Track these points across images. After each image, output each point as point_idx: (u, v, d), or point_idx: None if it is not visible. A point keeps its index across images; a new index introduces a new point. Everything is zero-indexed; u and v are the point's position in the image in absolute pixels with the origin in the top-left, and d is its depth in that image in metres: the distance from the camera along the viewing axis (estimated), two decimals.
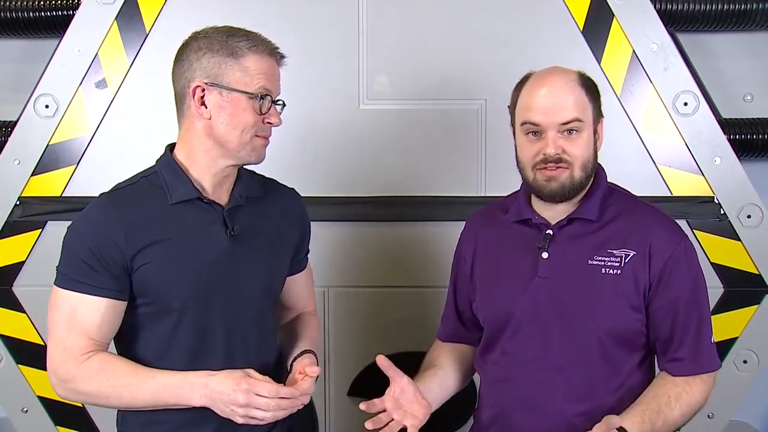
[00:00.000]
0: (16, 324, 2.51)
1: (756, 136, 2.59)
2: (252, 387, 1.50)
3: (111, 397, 1.54)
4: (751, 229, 2.45)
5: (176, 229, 1.58)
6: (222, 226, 1.61)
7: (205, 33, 1.60)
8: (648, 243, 1.63)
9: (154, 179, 1.61)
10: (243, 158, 1.61)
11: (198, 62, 1.57)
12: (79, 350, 1.53)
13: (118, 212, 1.55)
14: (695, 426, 2.50)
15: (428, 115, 2.47)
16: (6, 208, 2.47)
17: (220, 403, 1.51)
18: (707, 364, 1.67)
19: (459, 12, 2.44)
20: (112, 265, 1.53)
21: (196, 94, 1.57)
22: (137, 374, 1.54)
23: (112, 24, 2.44)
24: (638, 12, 2.41)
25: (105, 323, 1.55)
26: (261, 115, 1.58)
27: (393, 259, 2.51)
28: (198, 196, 1.59)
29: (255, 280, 1.65)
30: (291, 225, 1.77)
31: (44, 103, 2.45)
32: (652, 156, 2.45)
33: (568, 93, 1.61)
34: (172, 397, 1.53)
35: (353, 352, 2.53)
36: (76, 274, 1.54)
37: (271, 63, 1.59)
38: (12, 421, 2.59)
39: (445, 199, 2.46)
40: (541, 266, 1.67)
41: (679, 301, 1.64)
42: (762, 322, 2.48)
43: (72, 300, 1.54)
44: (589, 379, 1.64)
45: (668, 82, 2.43)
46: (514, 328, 1.69)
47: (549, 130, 1.60)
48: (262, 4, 2.45)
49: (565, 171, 1.61)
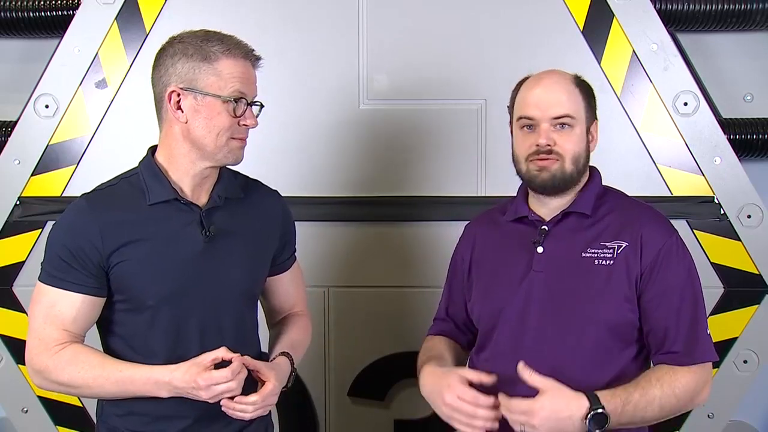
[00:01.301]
0: (16, 324, 2.51)
1: (756, 136, 2.58)
2: (208, 381, 1.54)
3: (82, 387, 1.61)
4: (751, 228, 2.45)
5: (153, 229, 1.62)
6: (198, 226, 1.65)
7: (181, 38, 1.63)
8: (640, 234, 1.66)
9: (135, 180, 1.67)
10: (221, 160, 1.65)
11: (173, 67, 1.61)
12: (53, 341, 1.60)
13: (96, 213, 1.61)
14: (695, 426, 2.52)
15: (428, 115, 2.47)
16: (6, 208, 2.47)
17: (185, 394, 1.57)
18: (700, 355, 1.66)
19: (459, 12, 2.44)
20: (88, 263, 1.59)
21: (172, 98, 1.61)
22: (105, 366, 1.60)
23: (112, 24, 2.44)
24: (638, 12, 2.42)
25: (80, 317, 1.61)
26: (236, 117, 1.61)
27: (393, 259, 2.51)
28: (176, 197, 1.63)
29: (230, 280, 1.69)
30: (270, 226, 1.79)
31: (44, 103, 2.45)
32: (652, 156, 2.45)
33: (561, 89, 1.69)
34: (138, 391, 1.59)
35: (353, 352, 2.53)
36: (56, 271, 1.60)
37: (245, 66, 1.62)
38: (12, 421, 2.59)
39: (445, 199, 2.46)
40: (536, 260, 1.69)
41: (672, 291, 1.64)
42: (762, 322, 2.48)
43: (52, 295, 1.60)
44: (583, 371, 1.64)
45: (668, 82, 2.43)
46: (508, 322, 1.71)
47: (542, 122, 1.67)
48: (262, 4, 2.45)
49: (556, 162, 1.67)
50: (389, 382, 2.54)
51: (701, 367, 1.66)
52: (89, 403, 2.56)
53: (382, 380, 2.55)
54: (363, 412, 2.58)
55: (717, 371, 2.50)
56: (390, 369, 2.50)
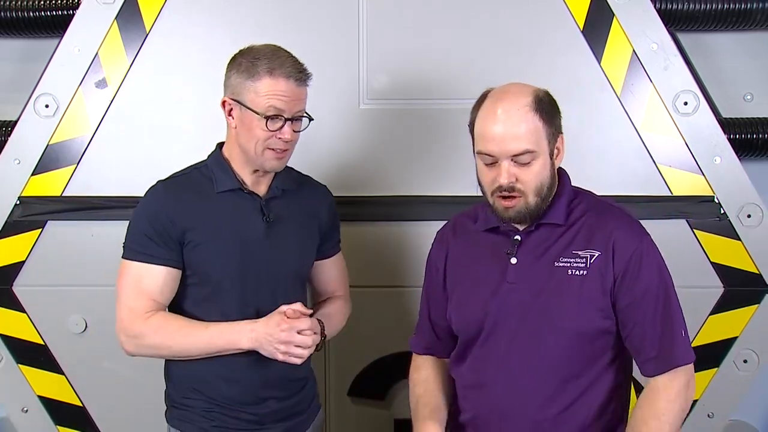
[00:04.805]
0: (16, 324, 2.51)
1: (756, 136, 2.58)
2: (292, 325, 1.76)
3: (173, 346, 1.82)
4: (751, 228, 2.45)
5: (221, 213, 1.84)
6: (260, 213, 1.87)
7: (242, 52, 1.83)
8: (611, 241, 1.66)
9: (204, 170, 1.89)
10: (261, 166, 1.85)
11: (229, 79, 1.83)
12: (143, 309, 1.81)
13: (171, 194, 1.84)
14: (695, 426, 2.52)
15: (428, 114, 2.47)
16: (6, 208, 2.47)
17: (265, 344, 1.77)
18: (677, 358, 1.67)
19: (459, 12, 2.43)
20: (168, 239, 1.81)
21: (225, 106, 1.83)
22: (192, 326, 1.83)
23: (112, 24, 2.44)
24: (638, 11, 2.41)
25: (166, 288, 1.83)
26: (270, 132, 1.78)
27: (393, 258, 2.51)
28: (239, 187, 1.86)
29: (285, 261, 1.90)
30: (319, 215, 2.01)
31: (44, 103, 2.45)
32: (652, 155, 2.45)
33: (520, 122, 1.63)
34: (224, 342, 1.80)
35: (353, 352, 2.53)
36: (142, 248, 1.81)
37: (286, 85, 1.79)
38: (12, 421, 2.59)
39: (445, 199, 2.45)
40: (510, 272, 1.70)
41: (646, 296, 1.66)
42: (762, 322, 2.48)
43: (139, 269, 1.82)
44: (558, 380, 1.66)
45: (668, 81, 2.43)
46: (485, 335, 1.73)
47: (502, 159, 1.64)
48: (262, 4, 2.45)
49: (519, 199, 1.66)
50: (389, 381, 2.54)
51: (681, 369, 1.67)
52: (89, 403, 2.57)
53: (382, 380, 2.55)
54: (363, 411, 2.58)
55: (717, 371, 2.50)
56: (390, 369, 2.50)
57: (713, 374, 2.50)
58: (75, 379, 2.55)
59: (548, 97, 1.69)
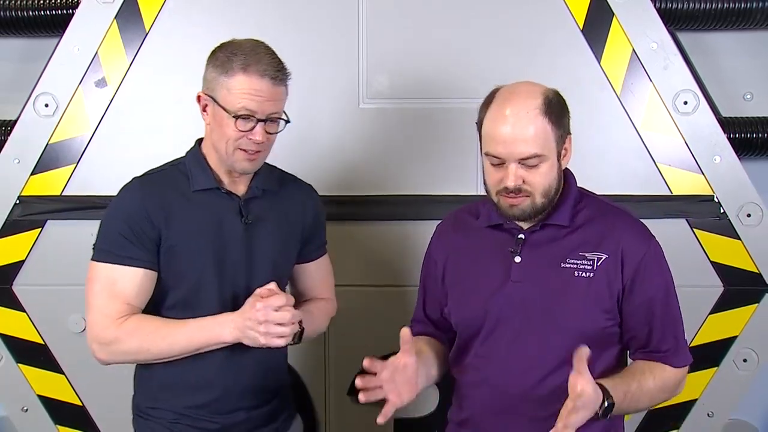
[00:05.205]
0: (16, 323, 2.51)
1: (756, 135, 2.59)
2: (267, 303, 1.66)
3: (151, 349, 1.72)
4: (751, 227, 2.45)
5: (198, 212, 1.75)
6: (238, 214, 1.78)
7: (222, 45, 1.73)
8: (620, 247, 1.66)
9: (181, 167, 1.80)
10: (231, 166, 1.76)
11: (206, 72, 1.74)
12: (117, 314, 1.70)
13: (147, 192, 1.74)
14: (695, 424, 2.52)
15: (428, 114, 2.47)
16: (6, 207, 2.47)
17: (246, 330, 1.68)
18: (682, 359, 1.72)
19: (459, 12, 2.44)
20: (145, 239, 1.71)
21: (200, 101, 1.75)
22: (169, 325, 1.73)
23: (112, 23, 2.44)
24: (638, 11, 2.41)
25: (142, 291, 1.73)
26: (241, 132, 1.69)
27: (393, 258, 2.51)
28: (216, 186, 1.77)
29: (264, 263, 1.81)
30: (302, 217, 1.91)
31: (44, 102, 2.45)
32: (652, 155, 2.45)
33: (529, 124, 1.59)
34: (205, 337, 1.71)
35: (353, 352, 2.51)
36: (116, 249, 1.71)
37: (261, 84, 1.67)
38: (12, 421, 2.59)
39: (445, 198, 2.45)
40: (514, 270, 1.69)
41: (654, 302, 1.67)
42: (762, 321, 2.48)
43: (112, 272, 1.71)
44: (561, 380, 1.64)
45: (668, 80, 2.43)
46: (487, 332, 1.72)
47: (509, 162, 1.61)
48: (262, 4, 2.45)
49: (526, 199, 1.64)
50: None
51: (680, 370, 1.72)
52: (89, 403, 2.56)
53: None
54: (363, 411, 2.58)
55: (717, 370, 2.51)
56: None
57: (713, 373, 2.50)
58: (75, 378, 2.55)
59: (558, 98, 1.66)
